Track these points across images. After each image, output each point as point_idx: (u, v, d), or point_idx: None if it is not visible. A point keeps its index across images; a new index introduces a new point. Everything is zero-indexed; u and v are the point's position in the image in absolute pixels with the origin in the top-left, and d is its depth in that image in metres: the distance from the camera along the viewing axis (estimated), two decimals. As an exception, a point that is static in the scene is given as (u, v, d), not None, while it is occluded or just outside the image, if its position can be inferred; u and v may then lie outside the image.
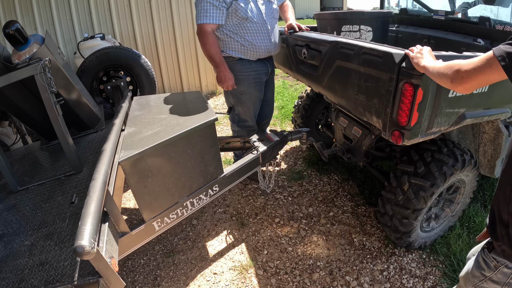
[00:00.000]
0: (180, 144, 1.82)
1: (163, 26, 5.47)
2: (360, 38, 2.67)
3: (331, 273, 2.28)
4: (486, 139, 2.38)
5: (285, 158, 3.79)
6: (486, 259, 1.25)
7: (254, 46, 2.60)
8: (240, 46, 2.60)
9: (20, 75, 1.93)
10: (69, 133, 2.09)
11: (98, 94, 3.36)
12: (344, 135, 2.75)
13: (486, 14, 2.56)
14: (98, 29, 5.15)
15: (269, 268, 2.34)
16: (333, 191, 3.14)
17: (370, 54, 1.68)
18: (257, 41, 2.59)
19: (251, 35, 2.56)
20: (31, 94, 2.34)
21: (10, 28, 2.14)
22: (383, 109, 1.65)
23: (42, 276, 1.36)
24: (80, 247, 1.06)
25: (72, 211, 1.72)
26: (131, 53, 3.30)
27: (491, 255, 1.23)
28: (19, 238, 1.63)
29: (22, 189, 2.08)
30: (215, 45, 2.50)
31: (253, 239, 2.61)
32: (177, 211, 1.91)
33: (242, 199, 3.10)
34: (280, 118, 4.92)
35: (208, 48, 2.50)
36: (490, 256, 1.24)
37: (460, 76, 1.10)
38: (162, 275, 2.34)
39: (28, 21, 4.84)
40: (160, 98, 2.55)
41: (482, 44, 2.49)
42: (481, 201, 2.79)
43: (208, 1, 2.28)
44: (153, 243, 2.63)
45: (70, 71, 2.58)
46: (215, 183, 2.08)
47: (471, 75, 1.07)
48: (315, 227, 2.69)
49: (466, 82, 1.09)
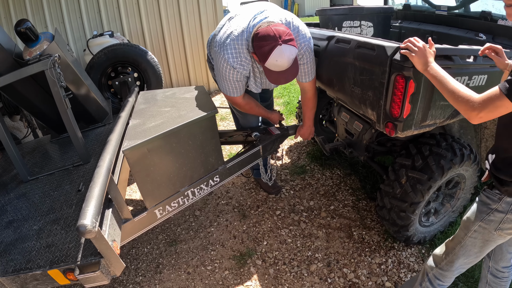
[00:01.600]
0: (182, 135, 1.89)
1: (171, 23, 5.56)
2: (361, 33, 2.70)
3: (329, 265, 2.33)
4: (487, 135, 2.39)
5: (289, 152, 3.84)
6: (489, 195, 1.40)
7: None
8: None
9: (31, 70, 2.03)
10: (77, 126, 2.18)
11: (106, 89, 3.46)
12: (346, 130, 2.78)
13: (487, 8, 2.56)
14: (107, 27, 5.25)
15: (268, 259, 2.40)
16: (335, 185, 3.18)
17: (364, 47, 1.72)
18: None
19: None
20: (42, 89, 2.43)
21: (22, 26, 2.23)
22: (377, 101, 1.70)
23: (48, 257, 1.44)
24: (82, 225, 1.14)
25: (78, 198, 1.81)
26: (138, 49, 3.39)
27: (493, 191, 1.39)
28: (28, 223, 1.72)
29: (32, 179, 2.18)
30: (255, 106, 2.45)
31: (253, 230, 2.67)
32: (178, 199, 1.99)
33: (245, 192, 3.16)
34: (286, 113, 4.97)
35: (252, 112, 2.48)
36: (493, 191, 1.39)
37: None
38: (164, 263, 2.42)
39: (38, 20, 4.96)
40: (165, 93, 2.63)
41: (484, 38, 2.50)
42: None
43: (234, 72, 2.08)
44: (157, 233, 2.71)
45: (79, 67, 2.67)
46: (216, 173, 2.15)
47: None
48: (316, 220, 2.74)
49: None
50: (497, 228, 1.39)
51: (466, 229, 1.49)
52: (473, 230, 1.46)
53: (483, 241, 1.46)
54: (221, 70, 2.08)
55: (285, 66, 1.85)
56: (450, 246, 1.57)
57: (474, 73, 1.72)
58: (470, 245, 1.49)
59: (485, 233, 1.43)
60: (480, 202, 1.44)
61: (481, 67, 1.74)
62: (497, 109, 1.16)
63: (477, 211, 1.45)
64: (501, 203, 1.36)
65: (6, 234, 1.68)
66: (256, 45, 1.86)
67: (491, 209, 1.39)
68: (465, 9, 2.82)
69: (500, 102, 1.15)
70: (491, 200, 1.39)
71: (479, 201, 1.46)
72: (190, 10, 5.57)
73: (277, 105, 5.38)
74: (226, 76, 2.09)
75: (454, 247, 1.54)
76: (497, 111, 1.17)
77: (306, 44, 2.05)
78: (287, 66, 1.87)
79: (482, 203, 1.43)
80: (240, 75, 2.09)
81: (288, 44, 1.79)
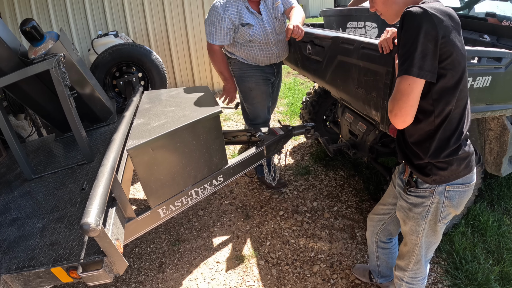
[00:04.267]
0: (185, 134, 1.89)
1: (175, 23, 5.57)
2: (365, 34, 2.69)
3: (332, 266, 2.32)
4: (492, 136, 2.37)
5: (293, 153, 3.84)
6: (419, 193, 1.39)
7: (257, 57, 2.75)
8: (246, 54, 2.76)
9: (36, 69, 2.03)
10: (82, 125, 2.18)
11: (111, 89, 3.47)
12: (349, 131, 2.78)
13: (492, 10, 2.55)
14: (111, 27, 5.28)
15: (271, 259, 2.40)
16: (339, 186, 3.17)
17: (369, 48, 1.72)
18: (261, 54, 2.74)
19: (255, 50, 2.71)
20: (47, 88, 2.44)
21: (27, 25, 2.24)
22: (381, 102, 1.69)
23: (51, 255, 1.44)
24: (86, 224, 1.14)
25: (82, 197, 1.82)
26: (143, 49, 3.40)
27: (420, 188, 1.38)
28: (31, 221, 1.73)
29: (36, 177, 2.19)
30: (224, 62, 2.73)
31: (256, 230, 2.67)
32: (182, 199, 1.99)
33: (248, 192, 3.16)
34: (290, 114, 4.96)
35: (218, 65, 2.74)
36: (419, 189, 1.39)
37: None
38: (167, 262, 2.42)
39: (43, 19, 5.00)
40: (169, 92, 2.63)
41: (488, 40, 2.48)
42: (488, 200, 2.78)
43: (217, 24, 2.49)
44: (160, 232, 2.72)
45: (84, 67, 2.68)
46: (219, 173, 2.15)
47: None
48: (319, 221, 2.73)
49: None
50: (440, 218, 1.41)
51: (415, 233, 1.49)
52: (421, 231, 1.46)
53: (434, 231, 1.47)
54: (209, 16, 2.48)
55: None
56: (407, 250, 1.58)
57: (478, 74, 1.71)
58: (426, 241, 1.50)
59: (432, 225, 1.44)
60: (411, 206, 1.43)
61: (485, 68, 1.73)
62: (403, 93, 1.15)
63: (412, 216, 1.45)
64: (435, 194, 1.36)
65: (10, 232, 1.69)
66: None
67: (427, 206, 1.39)
68: (470, 10, 2.80)
69: (403, 85, 1.14)
70: (422, 198, 1.39)
71: (409, 206, 1.44)
72: (194, 10, 5.59)
73: (281, 106, 5.38)
74: (212, 20, 2.49)
75: (412, 250, 1.55)
76: (405, 97, 1.15)
77: None
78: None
79: (414, 205, 1.42)
80: (224, 21, 2.48)
81: None
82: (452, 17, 1.14)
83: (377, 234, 1.87)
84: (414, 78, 1.13)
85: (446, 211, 1.39)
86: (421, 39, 1.10)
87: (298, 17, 2.53)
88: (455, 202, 1.37)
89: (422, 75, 1.12)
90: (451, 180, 1.33)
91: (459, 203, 1.39)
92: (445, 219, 1.42)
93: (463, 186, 1.35)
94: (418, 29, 1.10)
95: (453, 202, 1.37)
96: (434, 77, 1.14)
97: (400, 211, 1.51)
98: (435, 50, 1.11)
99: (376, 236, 1.88)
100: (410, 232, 1.51)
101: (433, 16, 1.09)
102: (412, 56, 1.11)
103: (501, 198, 2.81)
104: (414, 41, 1.11)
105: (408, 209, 1.45)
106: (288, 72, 7.42)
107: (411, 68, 1.12)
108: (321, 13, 3.07)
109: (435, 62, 1.13)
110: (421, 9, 1.10)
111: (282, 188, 3.16)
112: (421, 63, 1.11)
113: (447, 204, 1.37)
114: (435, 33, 1.09)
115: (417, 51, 1.11)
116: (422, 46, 1.10)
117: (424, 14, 1.09)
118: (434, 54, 1.12)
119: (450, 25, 1.12)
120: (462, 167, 1.30)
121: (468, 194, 1.39)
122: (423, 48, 1.10)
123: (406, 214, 1.47)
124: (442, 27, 1.10)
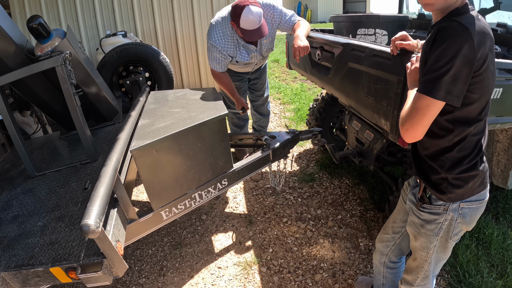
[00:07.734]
0: (190, 136, 1.87)
1: (184, 25, 5.57)
2: (376, 41, 2.67)
3: (334, 275, 2.28)
4: (500, 149, 2.33)
5: (298, 160, 3.80)
6: (432, 209, 1.35)
7: (235, 67, 3.03)
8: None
9: (42, 66, 2.02)
10: (86, 123, 2.17)
11: (117, 88, 3.46)
12: (356, 139, 2.74)
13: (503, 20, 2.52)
14: (120, 27, 5.29)
15: (273, 266, 2.36)
16: (343, 194, 3.13)
17: (380, 56, 1.69)
18: (239, 68, 3.05)
19: (236, 66, 2.97)
20: (52, 85, 2.44)
21: (34, 22, 2.24)
22: (391, 111, 1.65)
23: (51, 255, 1.42)
24: (85, 225, 1.11)
25: (84, 196, 1.79)
26: (150, 49, 3.39)
27: (433, 204, 1.34)
28: (32, 219, 1.71)
29: (39, 175, 2.17)
30: (228, 83, 2.90)
31: (259, 236, 2.64)
32: (185, 202, 1.96)
33: (252, 198, 3.13)
34: (296, 120, 4.94)
35: (224, 87, 2.92)
36: (433, 206, 1.34)
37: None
38: (168, 266, 2.39)
39: (53, 17, 5.01)
40: (175, 93, 2.61)
41: (498, 50, 2.45)
42: (493, 213, 2.74)
43: (218, 53, 2.67)
44: (162, 235, 2.69)
45: (91, 65, 2.67)
46: (224, 177, 2.12)
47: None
48: (322, 229, 2.70)
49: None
50: (452, 235, 1.38)
51: (426, 249, 1.45)
52: (432, 247, 1.43)
53: (445, 248, 1.43)
54: (210, 51, 2.69)
55: (256, 21, 2.38)
56: (416, 265, 1.53)
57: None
58: (436, 257, 1.47)
59: (444, 242, 1.41)
60: (423, 222, 1.39)
61: (496, 80, 1.69)
62: (419, 112, 1.10)
63: (424, 233, 1.41)
64: (449, 212, 1.32)
65: (11, 229, 1.67)
66: (232, 13, 2.48)
67: (440, 223, 1.35)
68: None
69: (421, 103, 1.09)
70: (436, 215, 1.35)
71: (421, 222, 1.40)
72: (203, 12, 5.58)
73: (287, 111, 5.35)
74: (213, 56, 2.70)
75: (421, 266, 1.51)
76: (421, 116, 1.10)
77: (270, 6, 2.63)
78: (257, 21, 2.39)
79: (427, 222, 1.38)
80: (224, 55, 2.68)
81: (253, 5, 2.38)
82: (491, 38, 1.06)
83: (387, 255, 1.79)
84: (434, 100, 1.06)
85: (458, 228, 1.36)
86: (457, 62, 1.01)
87: (303, 31, 2.56)
88: (468, 218, 1.34)
89: (448, 99, 1.05)
90: (465, 198, 1.29)
91: (472, 220, 1.36)
92: (457, 235, 1.39)
93: (477, 203, 1.32)
94: (456, 51, 1.01)
95: (466, 219, 1.34)
96: (459, 101, 1.07)
97: (411, 227, 1.47)
98: (469, 74, 1.04)
99: (386, 257, 1.80)
100: (421, 248, 1.46)
101: (474, 39, 1.00)
102: (442, 78, 1.03)
103: (506, 211, 2.76)
104: (448, 62, 1.02)
105: (420, 226, 1.41)
106: (295, 77, 7.40)
107: (437, 91, 1.04)
108: (332, 19, 3.05)
109: (465, 86, 1.06)
110: (464, 27, 1.01)
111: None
112: (451, 87, 1.03)
113: (460, 221, 1.34)
114: (472, 57, 1.01)
115: (448, 74, 1.02)
116: (456, 69, 1.01)
117: (467, 36, 1.00)
118: (467, 78, 1.04)
119: (488, 47, 1.05)
120: (477, 185, 1.27)
121: (481, 211, 1.36)
122: (456, 71, 1.02)
123: (418, 230, 1.43)
124: (481, 51, 1.03)
